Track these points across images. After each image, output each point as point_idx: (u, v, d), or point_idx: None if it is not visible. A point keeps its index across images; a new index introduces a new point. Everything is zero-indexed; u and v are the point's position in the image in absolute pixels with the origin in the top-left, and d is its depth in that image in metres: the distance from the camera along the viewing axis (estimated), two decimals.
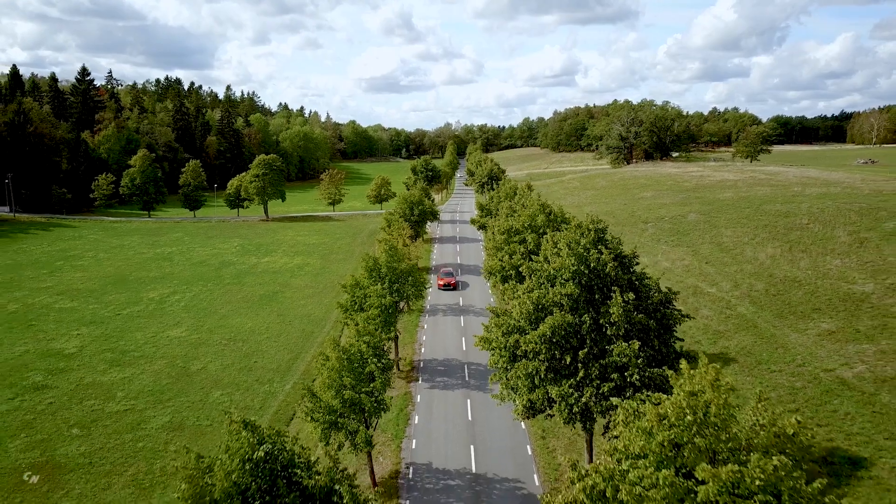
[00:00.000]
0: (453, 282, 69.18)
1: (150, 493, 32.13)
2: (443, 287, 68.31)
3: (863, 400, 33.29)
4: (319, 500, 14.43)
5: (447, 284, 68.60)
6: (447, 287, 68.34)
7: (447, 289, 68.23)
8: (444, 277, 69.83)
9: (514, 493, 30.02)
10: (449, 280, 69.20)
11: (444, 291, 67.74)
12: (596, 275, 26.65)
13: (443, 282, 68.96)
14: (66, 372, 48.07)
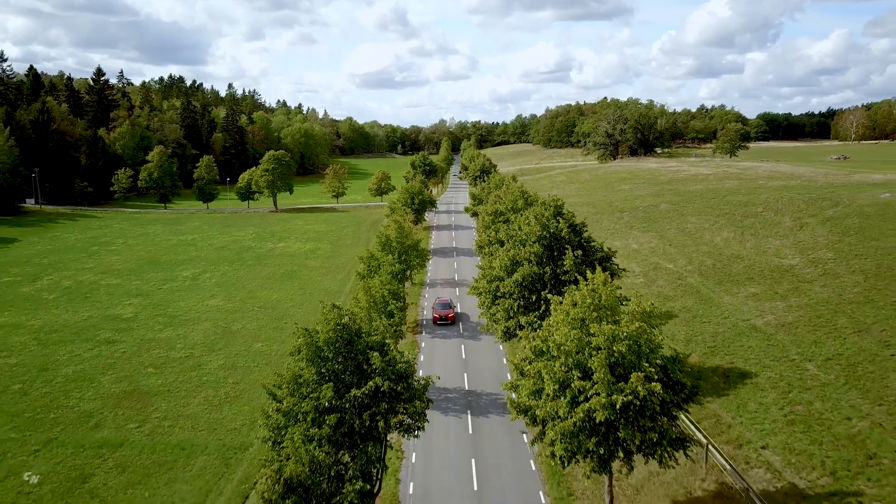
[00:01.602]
0: (451, 315, 56.86)
1: (220, 408, 42.21)
2: (438, 321, 56.64)
3: (763, 338, 43.60)
4: (375, 348, 24.54)
5: (444, 318, 56.43)
6: (443, 321, 56.52)
7: (444, 322, 56.60)
8: (440, 310, 57.08)
9: (496, 401, 40.28)
10: (446, 313, 56.77)
11: (440, 324, 56.97)
12: (554, 238, 36.88)
13: (438, 315, 56.54)
14: (128, 331, 58.08)
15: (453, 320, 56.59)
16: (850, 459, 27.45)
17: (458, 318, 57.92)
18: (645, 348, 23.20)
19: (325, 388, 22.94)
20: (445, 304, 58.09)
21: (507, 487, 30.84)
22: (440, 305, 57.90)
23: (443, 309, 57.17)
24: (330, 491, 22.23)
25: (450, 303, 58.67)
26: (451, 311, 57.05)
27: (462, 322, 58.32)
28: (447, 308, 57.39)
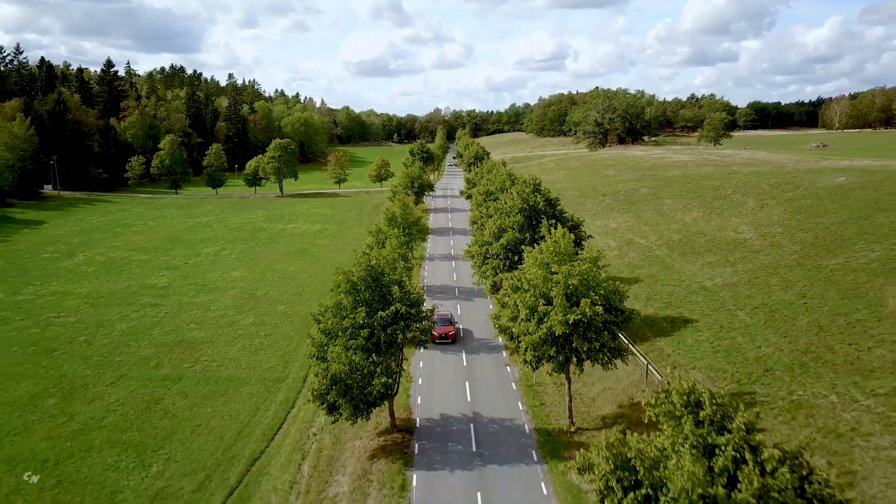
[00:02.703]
0: (452, 332, 49.35)
1: (256, 353, 50.76)
2: (438, 339, 48.57)
3: (709, 295, 52.31)
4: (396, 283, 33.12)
5: (443, 336, 48.78)
6: (443, 339, 48.97)
7: (443, 342, 49.05)
8: (438, 327, 47.42)
9: (486, 343, 48.98)
10: (445, 330, 49.00)
11: (439, 343, 49.17)
12: (533, 209, 45.47)
13: (438, 332, 47.74)
14: (166, 296, 66.51)
15: (454, 339, 49.18)
16: (751, 373, 36.20)
17: (459, 335, 50.81)
18: (592, 282, 31.79)
19: (360, 311, 31.57)
20: (445, 320, 49.86)
21: (494, 401, 39.44)
22: (439, 321, 47.63)
23: (441, 325, 48.57)
24: (363, 384, 30.83)
25: (450, 318, 50.82)
26: (451, 327, 49.32)
27: (465, 342, 51.23)
28: (447, 324, 49.49)
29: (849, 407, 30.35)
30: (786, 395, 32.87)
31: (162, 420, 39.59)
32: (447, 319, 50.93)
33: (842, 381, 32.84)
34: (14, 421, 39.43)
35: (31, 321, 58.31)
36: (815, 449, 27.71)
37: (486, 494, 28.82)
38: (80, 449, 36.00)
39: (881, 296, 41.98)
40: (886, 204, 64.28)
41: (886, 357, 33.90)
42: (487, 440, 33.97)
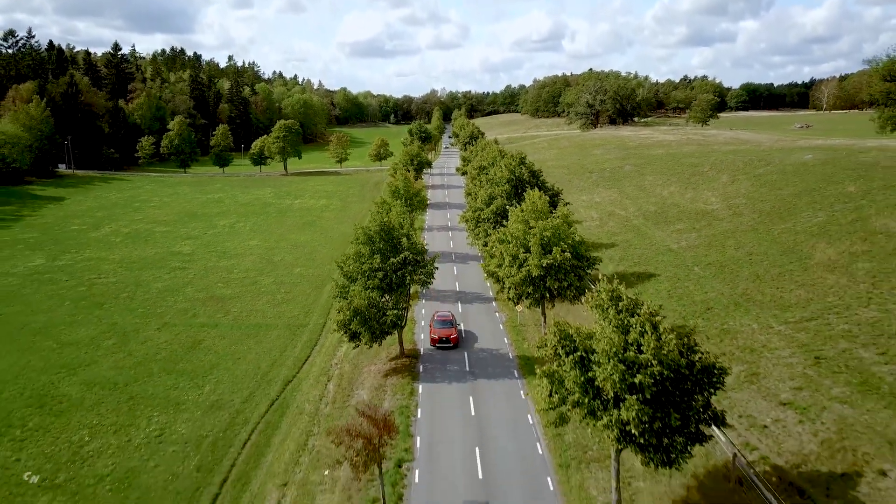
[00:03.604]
0: (454, 336, 44.74)
1: (280, 306, 58.36)
2: (438, 343, 44.51)
3: (673, 255, 59.99)
4: (404, 236, 40.70)
5: (444, 339, 44.42)
6: (443, 343, 44.45)
7: (444, 345, 44.50)
8: (438, 329, 45.17)
9: (479, 296, 56.69)
10: (447, 333, 44.67)
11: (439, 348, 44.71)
12: (518, 180, 52.95)
13: (437, 335, 44.60)
14: (192, 262, 73.98)
15: (456, 343, 44.68)
16: (695, 311, 44.01)
17: (461, 338, 46.37)
18: (562, 234, 39.43)
19: (376, 258, 39.21)
20: (446, 322, 45.99)
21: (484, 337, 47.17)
22: (439, 323, 45.78)
23: (442, 327, 45.19)
24: (378, 316, 38.51)
25: (451, 319, 46.60)
26: (452, 329, 45.02)
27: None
28: (448, 326, 45.36)
29: (765, 332, 38.19)
30: (719, 326, 40.75)
31: (206, 355, 47.31)
32: (448, 321, 46.12)
33: (764, 314, 40.69)
34: (82, 356, 47.10)
35: (75, 281, 65.80)
36: (733, 359, 35.61)
37: (476, 397, 36.67)
38: (142, 375, 43.71)
39: (811, 251, 49.76)
40: (838, 178, 71.72)
41: (802, 296, 41.73)
42: (478, 363, 41.82)
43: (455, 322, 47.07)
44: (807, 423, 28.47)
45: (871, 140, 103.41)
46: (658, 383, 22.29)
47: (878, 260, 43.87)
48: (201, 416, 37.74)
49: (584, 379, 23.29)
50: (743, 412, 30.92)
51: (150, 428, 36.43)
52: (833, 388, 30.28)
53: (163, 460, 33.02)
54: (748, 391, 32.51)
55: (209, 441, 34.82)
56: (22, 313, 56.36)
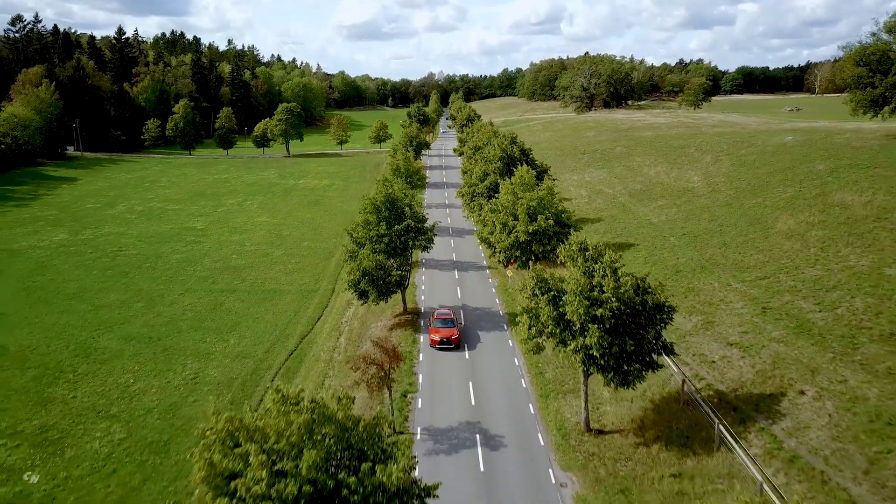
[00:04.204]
0: (455, 336, 41.91)
1: (291, 274, 63.56)
2: (438, 345, 41.61)
3: (653, 228, 65.14)
4: (407, 206, 45.80)
5: (446, 340, 41.55)
6: (445, 344, 41.52)
7: (445, 346, 41.52)
8: (439, 328, 42.43)
9: (473, 265, 61.92)
10: (448, 333, 41.91)
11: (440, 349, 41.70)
12: (510, 157, 57.98)
13: (438, 335, 41.80)
14: (206, 236, 79.03)
15: (458, 343, 41.73)
16: (666, 274, 49.28)
17: (462, 337, 43.09)
18: (546, 204, 44.55)
19: (382, 225, 44.37)
20: (447, 320, 43.19)
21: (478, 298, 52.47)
22: (440, 322, 42.99)
23: (443, 327, 42.42)
24: (384, 276, 43.69)
25: (452, 318, 43.81)
26: (454, 330, 42.12)
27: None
28: (449, 326, 42.57)
29: (724, 289, 43.52)
30: (685, 285, 46.07)
31: (228, 315, 52.58)
32: (450, 320, 43.33)
33: (725, 275, 46.01)
34: (116, 316, 52.33)
35: (99, 253, 70.90)
36: (693, 311, 40.97)
37: (470, 346, 42.01)
38: (172, 332, 48.98)
39: (774, 222, 55.00)
40: (811, 157, 76.70)
41: (760, 259, 47.03)
42: (473, 319, 47.15)
43: (456, 320, 44.20)
44: (747, 358, 33.84)
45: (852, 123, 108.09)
46: (616, 316, 27.55)
47: (830, 228, 49.09)
48: (229, 364, 43.06)
49: (556, 314, 28.55)
50: (697, 352, 36.31)
51: (185, 372, 41.75)
52: (773, 332, 35.62)
53: (200, 396, 38.39)
54: (703, 336, 37.88)
55: (238, 382, 40.17)
56: (55, 281, 61.51)
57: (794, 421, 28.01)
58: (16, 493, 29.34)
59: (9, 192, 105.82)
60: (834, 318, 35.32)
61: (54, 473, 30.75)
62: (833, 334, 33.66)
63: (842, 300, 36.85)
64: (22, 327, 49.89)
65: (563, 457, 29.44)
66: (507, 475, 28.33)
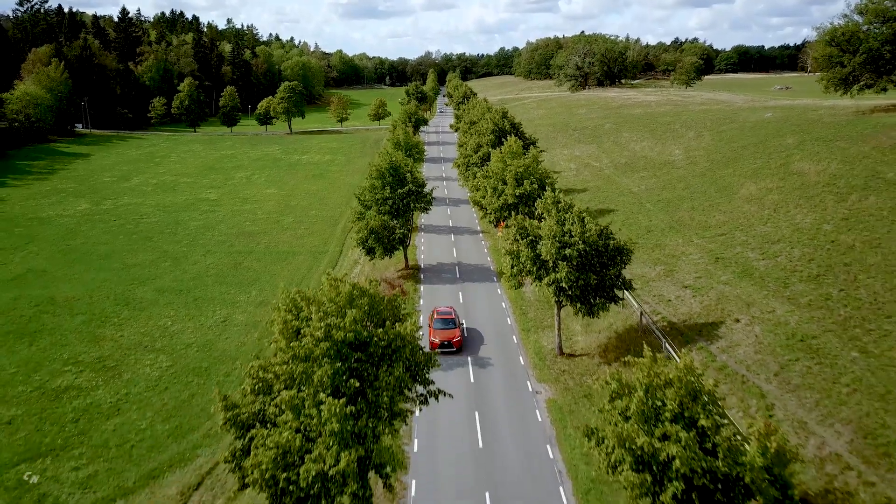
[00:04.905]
0: (457, 338, 38.97)
1: (302, 238, 69.48)
2: (439, 348, 38.21)
3: (632, 196, 71.05)
4: (408, 172, 51.63)
5: (447, 343, 38.57)
6: (446, 347, 38.51)
7: (446, 349, 38.49)
8: (439, 330, 39.51)
9: (469, 229, 67.92)
10: (449, 335, 38.97)
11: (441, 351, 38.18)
12: (501, 130, 63.72)
13: (439, 337, 38.81)
14: (219, 206, 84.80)
15: (460, 346, 38.83)
16: (639, 233, 55.34)
17: (465, 341, 40.16)
18: (532, 170, 50.43)
19: (386, 189, 50.29)
20: (447, 320, 40.21)
21: (472, 257, 58.54)
22: (440, 322, 40.04)
23: (444, 328, 39.53)
24: (388, 235, 49.69)
25: (453, 317, 40.81)
26: (455, 331, 39.28)
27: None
28: (450, 326, 39.66)
29: (686, 245, 49.65)
30: (653, 242, 52.19)
31: (247, 272, 58.59)
32: (451, 320, 40.24)
33: (689, 234, 52.10)
34: (147, 273, 58.33)
35: (122, 221, 76.70)
36: (658, 262, 47.12)
37: (464, 293, 48.23)
38: (199, 286, 55.01)
39: (739, 189, 60.98)
40: (784, 132, 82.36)
41: (721, 219, 53.10)
42: (466, 273, 53.31)
43: (458, 320, 40.64)
44: (697, 297, 40.04)
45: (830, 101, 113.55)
46: (582, 256, 33.63)
47: (785, 193, 55.09)
48: (253, 310, 49.16)
49: (534, 255, 34.64)
50: (657, 294, 42.50)
51: (215, 317, 47.87)
52: (722, 276, 41.80)
53: (231, 335, 44.53)
54: (663, 281, 44.05)
55: (263, 323, 46.24)
56: (86, 244, 67.40)
57: (728, 341, 34.25)
58: (87, 406, 35.48)
59: (27, 167, 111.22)
60: (774, 264, 41.49)
61: (116, 390, 36.92)
62: (770, 277, 39.83)
63: (782, 250, 43.00)
64: (63, 282, 55.84)
65: (539, 373, 35.74)
66: (493, 385, 34.63)
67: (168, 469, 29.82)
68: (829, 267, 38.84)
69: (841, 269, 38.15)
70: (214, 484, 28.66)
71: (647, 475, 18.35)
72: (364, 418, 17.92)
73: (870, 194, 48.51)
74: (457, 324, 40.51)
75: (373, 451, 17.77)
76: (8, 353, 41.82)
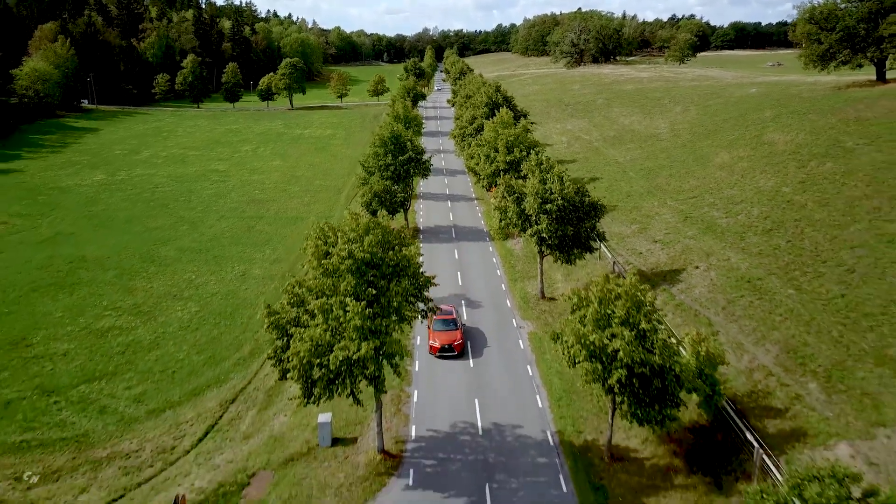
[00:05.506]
0: (458, 341, 36.20)
1: (309, 205, 74.39)
2: (439, 352, 35.99)
3: (618, 166, 75.98)
4: (408, 140, 56.49)
5: (447, 347, 35.94)
6: (447, 352, 35.94)
7: (447, 353, 35.95)
8: (439, 332, 36.79)
9: (464, 197, 72.91)
10: (450, 338, 36.27)
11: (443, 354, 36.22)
12: (494, 103, 68.45)
13: (439, 340, 36.20)
14: (228, 176, 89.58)
15: (461, 350, 36.27)
16: (620, 198, 60.37)
17: (466, 345, 37.25)
18: (522, 140, 55.33)
19: (388, 156, 55.20)
20: (448, 321, 37.55)
21: (467, 218, 63.59)
22: (440, 323, 37.31)
23: (444, 329, 36.92)
24: (391, 198, 54.68)
25: (454, 318, 38.12)
26: (457, 333, 36.72)
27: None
28: (451, 328, 37.09)
29: (661, 208, 54.73)
30: (632, 205, 57.31)
31: (260, 235, 63.62)
32: (452, 321, 37.62)
33: (665, 197, 57.19)
34: (167, 235, 63.34)
35: (138, 190, 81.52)
36: (634, 221, 52.26)
37: (459, 251, 53.45)
38: (217, 246, 60.07)
39: (714, 157, 65.95)
40: (764, 106, 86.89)
41: (694, 184, 58.17)
42: (461, 234, 58.48)
43: (459, 321, 37.96)
44: (665, 250, 45.26)
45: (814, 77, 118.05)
46: (561, 210, 38.73)
47: (754, 161, 60.07)
48: (268, 266, 54.32)
49: (519, 209, 39.75)
50: (631, 248, 47.72)
51: (234, 272, 53.02)
52: (688, 232, 46.99)
53: (251, 286, 49.72)
54: (637, 238, 49.25)
55: (279, 276, 51.45)
56: (107, 211, 72.30)
57: (687, 284, 39.53)
58: (130, 341, 40.72)
59: (40, 141, 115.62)
60: (734, 221, 46.66)
61: (154, 330, 42.17)
62: (730, 232, 45.03)
63: (743, 210, 48.15)
64: (91, 244, 60.85)
65: (523, 312, 41.07)
66: (484, 321, 39.97)
67: (206, 388, 35.18)
68: (781, 223, 44.00)
69: (791, 224, 43.32)
70: (247, 399, 34.03)
71: (598, 364, 23.61)
72: (379, 319, 23.13)
73: (828, 161, 53.51)
74: (458, 325, 37.28)
75: (385, 343, 23.00)
76: (52, 301, 46.99)
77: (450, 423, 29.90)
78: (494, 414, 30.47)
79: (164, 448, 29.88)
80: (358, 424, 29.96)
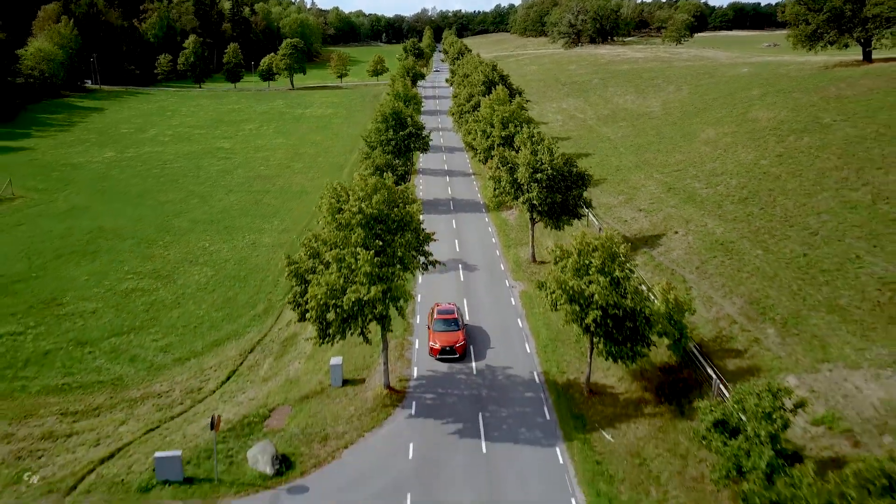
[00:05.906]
0: (460, 343, 33.99)
1: (313, 181, 77.43)
2: (440, 355, 33.83)
3: (610, 143, 79.07)
4: (409, 116, 59.51)
5: (448, 349, 33.74)
6: (448, 354, 33.82)
7: (448, 356, 33.87)
8: (440, 332, 34.62)
9: (461, 172, 76.06)
10: (451, 340, 34.03)
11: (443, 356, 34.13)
12: (491, 81, 71.36)
13: (439, 342, 33.93)
14: (233, 154, 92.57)
15: (462, 353, 34.13)
16: (610, 172, 63.58)
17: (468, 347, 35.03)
18: (517, 116, 58.41)
19: (389, 132, 58.30)
20: (449, 321, 35.45)
21: (464, 192, 66.82)
22: (441, 323, 35.30)
23: (446, 329, 34.86)
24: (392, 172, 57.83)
25: (456, 317, 35.88)
26: (458, 334, 34.56)
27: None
28: (452, 328, 34.99)
29: (647, 181, 57.97)
30: (620, 178, 60.58)
31: (268, 207, 66.84)
32: (453, 320, 35.52)
33: (651, 170, 60.42)
34: (179, 208, 66.55)
35: (148, 166, 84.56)
36: (621, 193, 55.56)
37: (457, 221, 56.83)
38: (227, 217, 63.31)
39: (700, 134, 69.08)
40: (752, 85, 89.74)
41: (679, 159, 61.38)
42: (459, 206, 61.75)
43: (460, 320, 35.72)
44: (648, 218, 48.60)
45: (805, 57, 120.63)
46: (550, 179, 41.99)
47: (737, 136, 63.22)
48: (277, 235, 57.64)
49: (512, 179, 43.03)
50: (617, 216, 51.07)
51: (245, 240, 56.33)
52: (670, 202, 50.30)
53: (261, 253, 53.06)
54: (624, 207, 52.57)
55: (287, 244, 54.78)
56: (118, 185, 75.42)
57: (666, 248, 42.93)
58: (152, 301, 44.14)
59: (47, 120, 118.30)
60: (714, 192, 49.97)
61: (174, 291, 45.59)
62: (709, 201, 48.34)
63: (723, 181, 51.42)
64: (107, 216, 64.06)
65: (515, 274, 44.52)
66: (479, 282, 43.45)
67: (226, 340, 38.69)
68: (756, 192, 47.31)
69: (765, 194, 46.63)
70: (264, 349, 37.54)
71: (577, 306, 27.04)
72: (386, 267, 26.52)
73: (805, 136, 56.67)
74: (460, 325, 35.08)
75: (392, 287, 26.38)
76: (76, 267, 50.34)
77: (447, 366, 33.42)
78: (488, 359, 33.99)
79: (191, 389, 33.41)
80: (365, 369, 33.46)
